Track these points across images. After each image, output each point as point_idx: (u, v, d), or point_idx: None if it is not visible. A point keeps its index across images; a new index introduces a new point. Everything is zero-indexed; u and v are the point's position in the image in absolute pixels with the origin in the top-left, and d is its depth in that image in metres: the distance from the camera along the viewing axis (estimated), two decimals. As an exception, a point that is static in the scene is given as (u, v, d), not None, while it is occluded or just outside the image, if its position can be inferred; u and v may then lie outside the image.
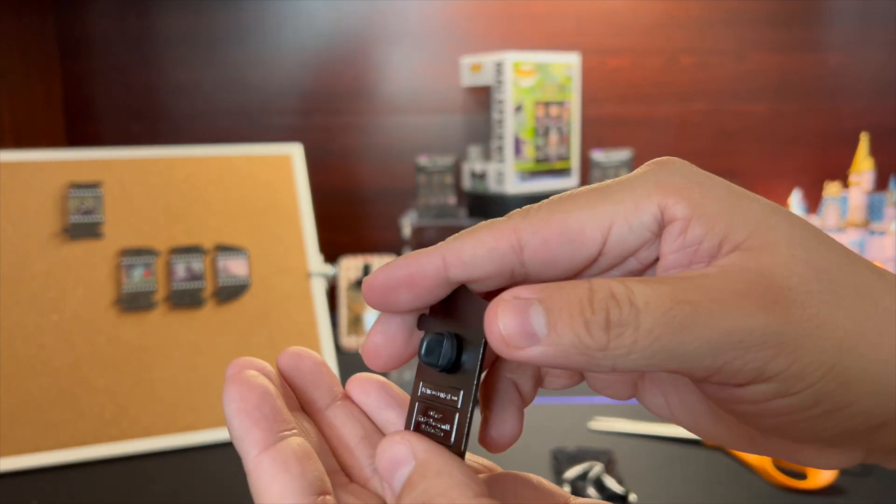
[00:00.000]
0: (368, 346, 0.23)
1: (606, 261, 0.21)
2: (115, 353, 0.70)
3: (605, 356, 0.18)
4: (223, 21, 1.10)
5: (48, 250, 0.72)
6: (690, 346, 0.18)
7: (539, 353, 0.18)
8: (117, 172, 0.76)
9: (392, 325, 0.23)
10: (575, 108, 0.93)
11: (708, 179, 0.21)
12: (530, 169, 0.95)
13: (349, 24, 1.10)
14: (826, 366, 0.18)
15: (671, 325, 0.18)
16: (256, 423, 0.21)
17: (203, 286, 0.75)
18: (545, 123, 0.93)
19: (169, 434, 0.68)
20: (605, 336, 0.18)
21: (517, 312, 0.19)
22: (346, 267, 1.01)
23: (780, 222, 0.20)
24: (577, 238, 0.20)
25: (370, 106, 1.12)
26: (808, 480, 0.57)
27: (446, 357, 0.22)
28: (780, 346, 0.18)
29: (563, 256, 0.20)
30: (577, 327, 0.18)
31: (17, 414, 0.65)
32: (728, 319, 0.18)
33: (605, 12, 1.08)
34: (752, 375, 0.19)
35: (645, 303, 0.18)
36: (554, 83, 0.92)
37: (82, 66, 1.12)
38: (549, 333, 0.18)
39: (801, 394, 0.19)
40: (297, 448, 0.21)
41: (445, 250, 0.21)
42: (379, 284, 0.21)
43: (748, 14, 1.08)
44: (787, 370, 0.18)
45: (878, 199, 0.94)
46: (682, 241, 0.20)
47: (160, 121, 1.13)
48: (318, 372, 0.25)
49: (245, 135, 1.12)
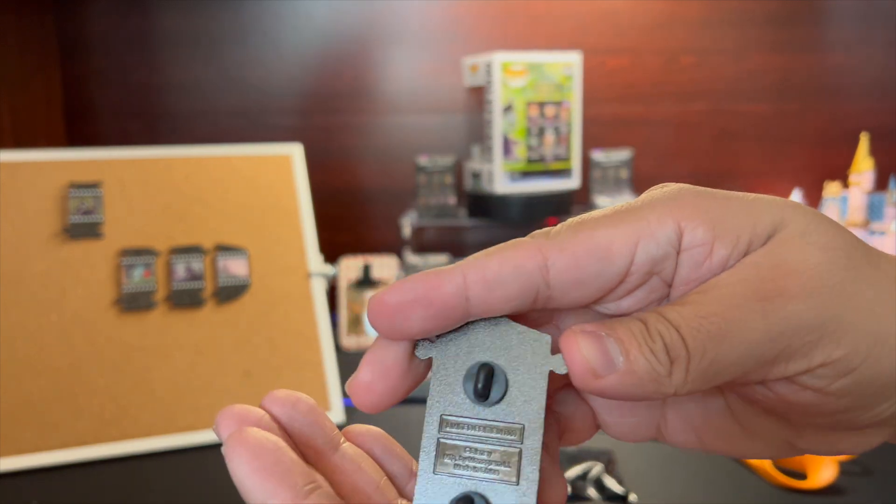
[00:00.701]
0: (361, 380, 0.20)
1: (633, 279, 0.21)
2: (115, 353, 0.70)
3: (671, 382, 0.19)
4: (223, 21, 1.10)
5: (48, 250, 0.72)
6: (738, 357, 0.19)
7: (617, 382, 0.19)
8: (117, 172, 0.76)
9: (389, 354, 0.21)
10: (576, 108, 0.93)
11: (712, 196, 0.21)
12: (521, 169, 0.95)
13: (349, 24, 1.10)
14: (864, 346, 0.19)
15: (710, 338, 0.19)
16: (281, 483, 0.19)
17: (203, 286, 0.75)
18: (539, 124, 0.93)
19: (169, 434, 0.68)
20: (668, 361, 0.19)
21: (596, 341, 0.19)
22: (346, 267, 1.01)
23: (792, 215, 0.20)
24: (606, 254, 0.20)
25: (370, 106, 1.12)
26: (808, 480, 0.57)
27: (501, 389, 0.20)
28: (819, 329, 0.19)
29: (592, 274, 0.20)
30: (647, 354, 0.19)
31: (16, 414, 0.65)
32: (758, 316, 0.19)
33: (606, 12, 1.08)
34: (801, 366, 0.19)
35: (682, 325, 0.19)
36: (550, 83, 0.92)
37: (82, 66, 1.12)
38: (625, 361, 0.19)
39: (848, 377, 0.19)
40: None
41: (467, 268, 0.19)
42: (392, 301, 0.19)
43: (748, 14, 1.08)
44: (830, 356, 0.19)
45: (877, 199, 0.94)
46: (702, 265, 0.20)
47: (160, 121, 1.13)
48: (314, 415, 0.22)
49: (245, 135, 1.12)
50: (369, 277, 1.01)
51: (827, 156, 1.10)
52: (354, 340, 1.00)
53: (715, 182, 1.12)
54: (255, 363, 0.73)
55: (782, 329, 0.19)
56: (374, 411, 0.21)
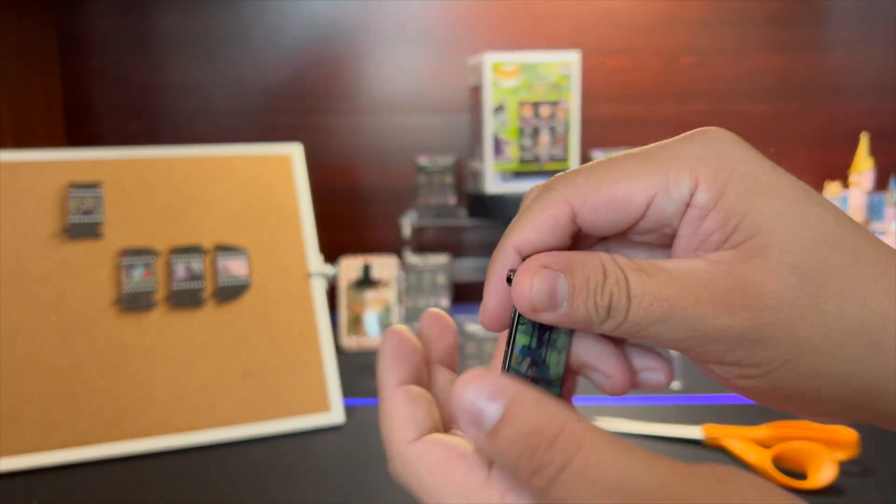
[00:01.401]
0: (490, 308, 0.25)
1: (646, 225, 0.23)
2: (114, 353, 0.70)
3: (599, 328, 0.22)
4: (223, 21, 1.10)
5: (48, 250, 0.72)
6: (665, 336, 0.22)
7: (553, 318, 0.22)
8: (117, 172, 0.76)
9: (501, 287, 0.25)
10: (574, 108, 0.92)
11: (743, 163, 0.23)
12: (513, 169, 0.95)
13: (350, 24, 1.10)
14: (781, 360, 0.21)
15: (650, 318, 0.21)
16: (401, 364, 0.25)
17: (203, 286, 0.75)
18: (533, 124, 0.93)
19: (169, 434, 0.68)
20: (605, 316, 0.22)
21: (548, 281, 0.22)
22: (346, 267, 1.01)
23: (792, 222, 0.22)
24: (624, 207, 0.23)
25: (370, 106, 1.12)
26: (807, 480, 0.57)
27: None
28: (739, 342, 0.21)
29: (611, 222, 0.23)
30: (590, 306, 0.22)
31: (16, 414, 0.65)
32: (695, 318, 0.21)
33: (606, 12, 1.08)
34: (715, 358, 0.22)
35: (636, 295, 0.21)
36: (545, 83, 0.91)
37: (82, 66, 1.12)
38: (568, 306, 0.22)
39: (757, 379, 0.22)
40: (425, 393, 0.25)
41: (511, 242, 0.24)
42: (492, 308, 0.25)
43: (748, 14, 1.08)
44: (743, 360, 0.22)
45: (878, 198, 0.94)
46: (695, 228, 0.23)
47: (160, 121, 1.13)
48: (443, 332, 0.28)
49: (245, 135, 1.12)
50: (369, 277, 1.01)
51: (827, 156, 1.10)
52: (354, 340, 1.00)
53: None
54: (255, 363, 0.73)
55: (704, 332, 0.21)
56: (499, 331, 0.25)
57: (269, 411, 0.71)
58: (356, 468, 0.62)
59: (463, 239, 1.14)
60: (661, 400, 0.77)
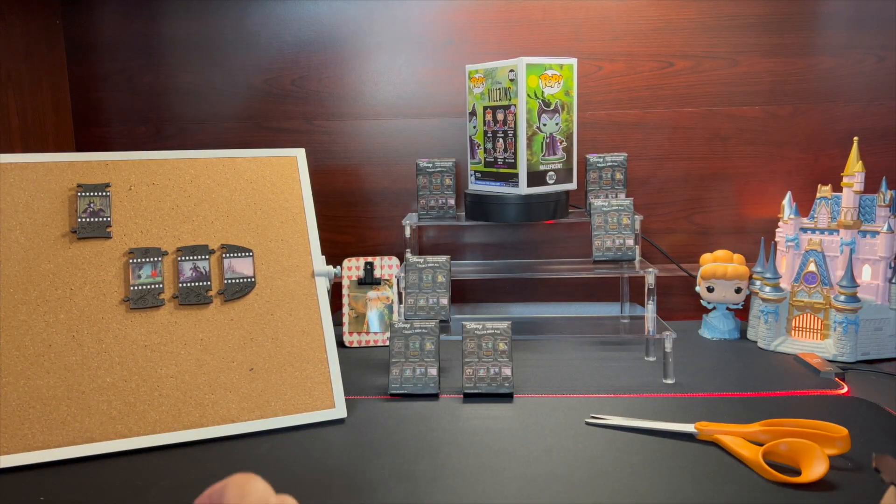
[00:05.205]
0: None
1: None
2: (122, 350, 0.71)
3: None
4: (228, 25, 1.12)
5: (57, 250, 0.73)
6: None
7: None
8: (125, 174, 0.78)
9: None
10: (521, 114, 0.93)
11: None
12: (481, 170, 1.00)
13: (353, 30, 1.12)
14: None
15: None
16: None
17: (209, 285, 0.76)
18: (493, 129, 0.97)
19: (175, 430, 0.69)
20: None
21: None
22: (348, 267, 1.03)
23: None
24: None
25: (372, 110, 1.14)
26: (801, 476, 0.58)
27: None
28: None
29: None
30: None
31: (25, 411, 0.67)
32: None
33: (602, 18, 1.10)
34: None
35: None
36: (499, 88, 0.94)
37: (90, 70, 1.14)
38: None
39: None
40: None
41: None
42: None
43: (742, 19, 1.10)
44: None
45: (868, 200, 0.96)
46: None
47: (166, 124, 1.15)
48: None
49: (250, 138, 1.14)
50: (371, 277, 1.03)
51: (819, 159, 1.12)
52: (356, 338, 1.02)
53: (709, 184, 1.14)
54: (259, 360, 0.75)
55: None
56: None
57: (273, 407, 0.72)
58: (358, 462, 0.63)
59: (463, 239, 1.16)
60: (657, 397, 0.78)
